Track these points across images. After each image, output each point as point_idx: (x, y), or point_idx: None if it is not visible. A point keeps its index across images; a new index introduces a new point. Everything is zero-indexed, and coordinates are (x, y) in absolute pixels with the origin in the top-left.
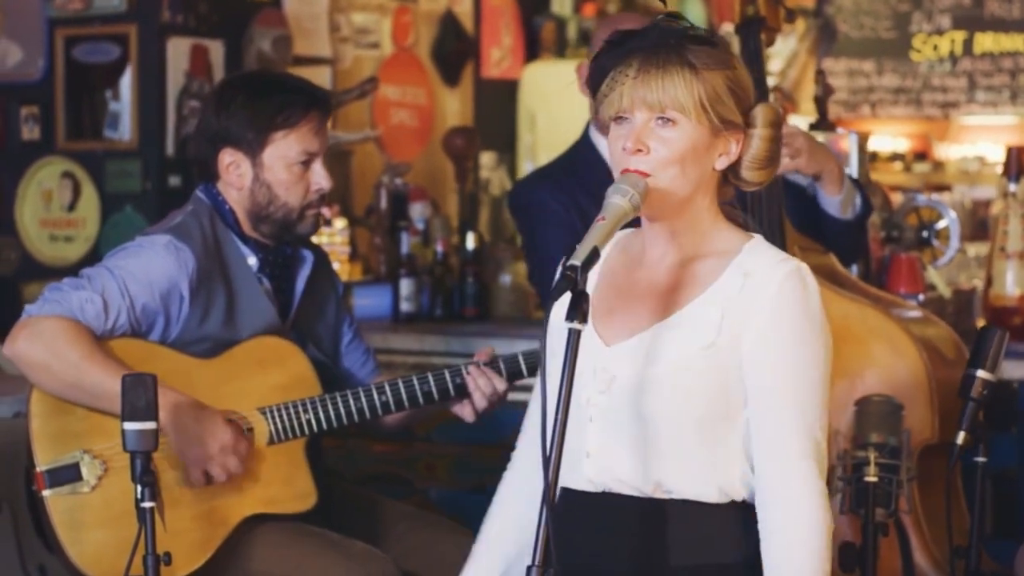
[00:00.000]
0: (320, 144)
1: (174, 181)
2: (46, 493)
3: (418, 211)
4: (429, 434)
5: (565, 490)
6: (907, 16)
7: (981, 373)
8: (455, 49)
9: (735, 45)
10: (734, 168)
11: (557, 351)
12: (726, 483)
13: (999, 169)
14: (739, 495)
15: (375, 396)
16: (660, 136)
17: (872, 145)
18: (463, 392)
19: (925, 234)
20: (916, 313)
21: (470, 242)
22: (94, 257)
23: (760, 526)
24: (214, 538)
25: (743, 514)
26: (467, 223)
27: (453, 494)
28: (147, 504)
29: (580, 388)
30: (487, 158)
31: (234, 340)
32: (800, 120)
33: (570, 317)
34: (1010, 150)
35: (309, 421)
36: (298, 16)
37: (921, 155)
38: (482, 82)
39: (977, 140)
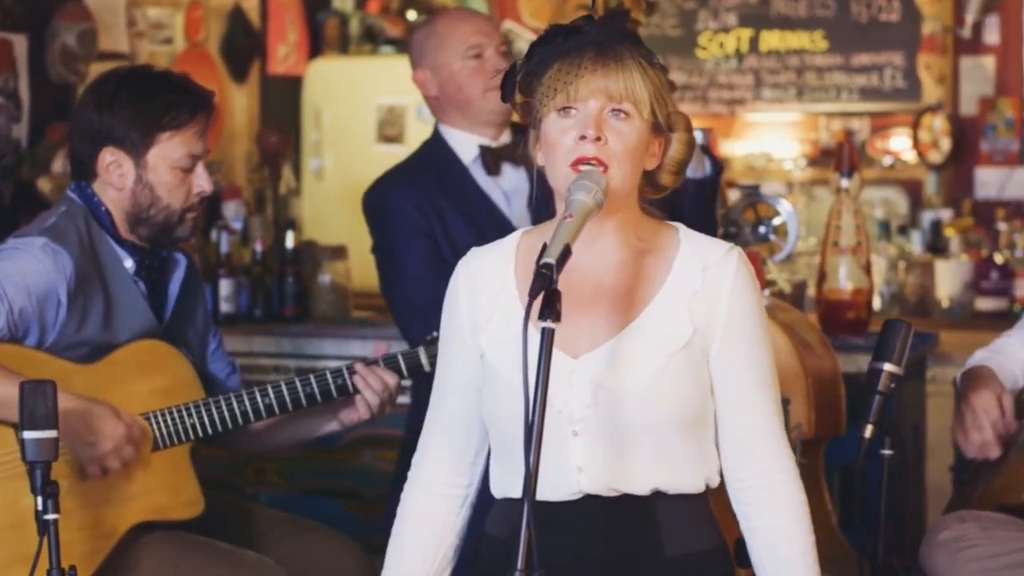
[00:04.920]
0: (203, 147)
1: None
2: None
3: (232, 210)
4: None
5: (540, 503)
6: (693, 14)
7: (888, 366)
8: (243, 45)
9: None
10: (653, 172)
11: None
12: (706, 472)
13: (786, 165)
14: (714, 482)
15: (258, 399)
16: (614, 128)
17: None
18: (344, 392)
19: (763, 230)
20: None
21: (289, 241)
22: None
23: (747, 511)
24: (101, 549)
25: (714, 498)
26: (288, 222)
27: (284, 498)
28: (50, 516)
29: (557, 402)
30: None
31: (112, 344)
32: None
33: (544, 316)
34: (841, 145)
35: (194, 426)
36: (99, 10)
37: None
38: (268, 79)
39: (763, 136)
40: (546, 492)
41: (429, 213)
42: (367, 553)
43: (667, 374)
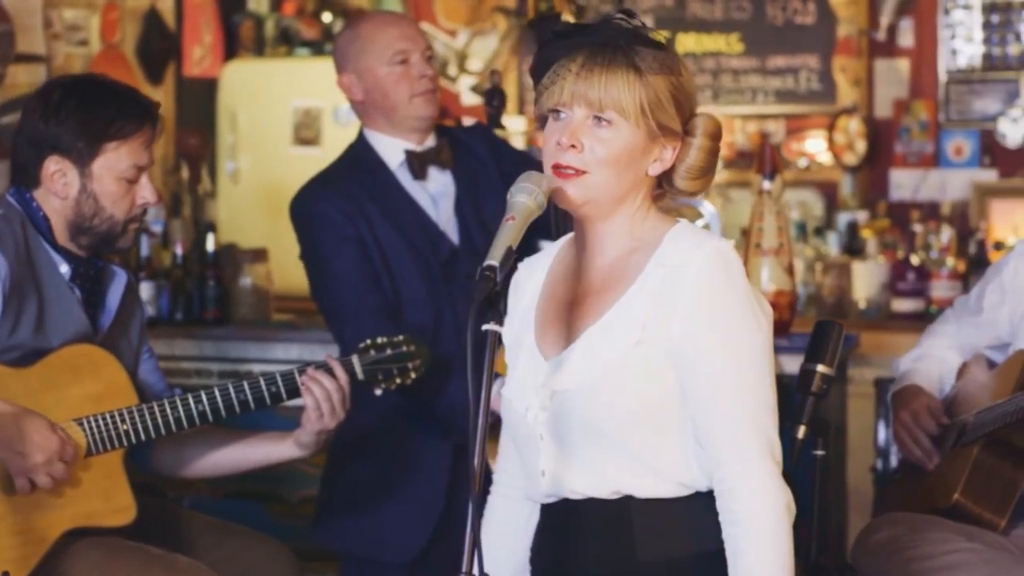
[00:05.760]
0: (149, 158)
1: None
2: None
3: (152, 212)
4: None
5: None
6: None
7: (820, 368)
8: (159, 47)
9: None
10: (668, 176)
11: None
12: (685, 476)
13: None
14: (702, 485)
15: (192, 405)
16: (596, 135)
17: None
18: (277, 400)
19: None
20: None
21: (210, 244)
22: None
23: (720, 518)
24: (33, 555)
25: (711, 502)
26: (208, 225)
27: (207, 501)
28: None
29: (528, 406)
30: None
31: (44, 349)
32: (510, 119)
33: (486, 319)
34: (763, 147)
35: (127, 432)
36: (16, 11)
37: None
38: (184, 80)
39: None
40: (531, 495)
41: (356, 218)
42: (298, 559)
43: (616, 372)
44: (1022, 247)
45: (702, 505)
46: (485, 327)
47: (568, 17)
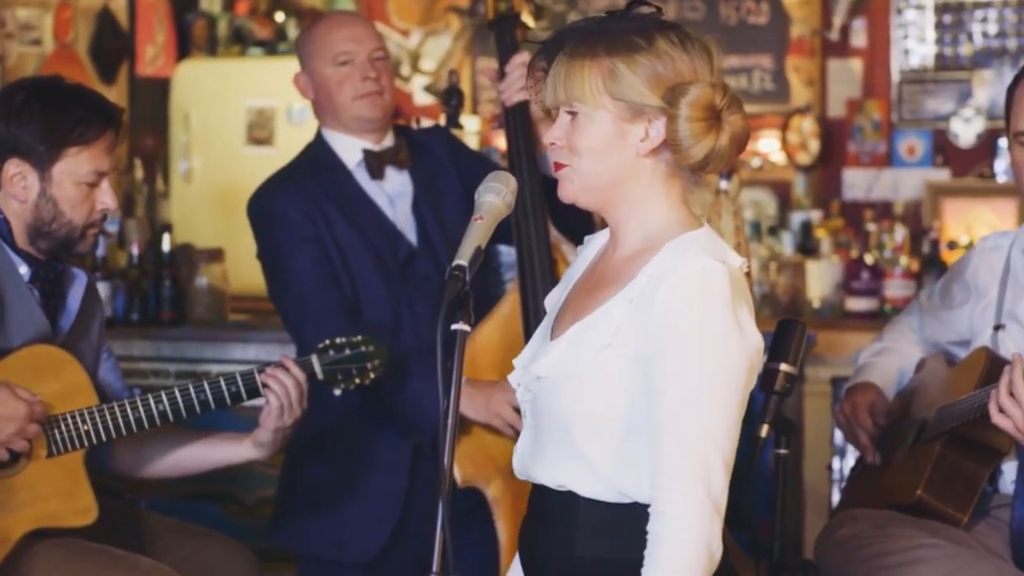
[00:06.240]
0: (111, 163)
1: None
2: None
3: None
4: None
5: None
6: (563, 17)
7: (784, 367)
8: (112, 46)
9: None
10: (675, 155)
11: None
12: (626, 485)
13: None
14: (644, 498)
15: (152, 405)
16: (572, 128)
17: None
18: (238, 400)
19: None
20: None
21: (166, 244)
22: None
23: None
24: None
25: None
26: (163, 225)
27: (163, 502)
28: None
29: (519, 383)
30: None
31: (4, 350)
32: (464, 119)
33: (455, 318)
34: None
35: (88, 432)
36: None
37: None
38: (137, 80)
39: None
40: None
41: (315, 216)
42: (257, 558)
43: (575, 374)
44: (983, 245)
45: (641, 516)
46: (454, 327)
47: (527, 17)
